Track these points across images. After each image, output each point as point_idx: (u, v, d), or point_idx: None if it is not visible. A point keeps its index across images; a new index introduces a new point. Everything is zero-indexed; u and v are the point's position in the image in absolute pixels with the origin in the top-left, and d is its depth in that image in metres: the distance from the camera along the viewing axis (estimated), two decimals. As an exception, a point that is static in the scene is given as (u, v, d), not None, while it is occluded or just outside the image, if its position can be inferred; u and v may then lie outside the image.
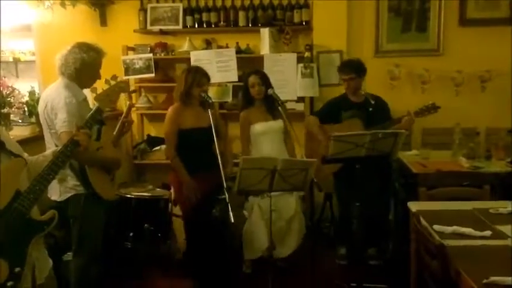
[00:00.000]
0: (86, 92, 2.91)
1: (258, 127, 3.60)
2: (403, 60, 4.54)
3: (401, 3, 4.55)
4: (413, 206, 2.75)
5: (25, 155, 1.90)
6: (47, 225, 1.76)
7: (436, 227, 2.36)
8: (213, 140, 3.26)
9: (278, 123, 3.62)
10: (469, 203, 2.77)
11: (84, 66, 2.69)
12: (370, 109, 3.61)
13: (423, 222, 2.48)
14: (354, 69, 3.71)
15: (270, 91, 3.49)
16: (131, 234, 3.73)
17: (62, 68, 2.70)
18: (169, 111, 3.33)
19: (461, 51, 4.48)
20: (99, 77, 2.85)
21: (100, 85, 3.50)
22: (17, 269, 1.65)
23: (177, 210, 3.73)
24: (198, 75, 3.27)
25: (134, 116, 4.61)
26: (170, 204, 3.80)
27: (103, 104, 2.18)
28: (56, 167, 1.79)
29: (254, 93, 3.58)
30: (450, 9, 4.50)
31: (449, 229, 2.31)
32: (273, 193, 3.03)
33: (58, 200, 2.69)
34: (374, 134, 3.05)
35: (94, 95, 2.72)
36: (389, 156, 3.21)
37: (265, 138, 3.62)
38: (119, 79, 4.24)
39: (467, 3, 4.48)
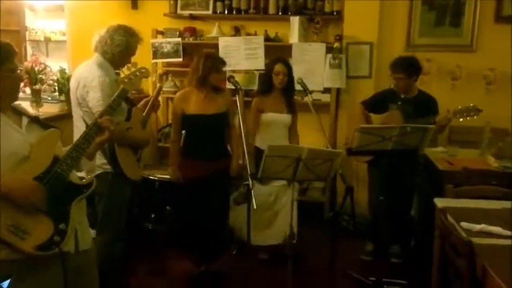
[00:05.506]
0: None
1: (268, 117, 3.57)
2: (434, 55, 4.44)
3: (436, -4, 4.44)
4: (440, 203, 2.70)
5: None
6: (87, 189, 1.89)
7: (463, 224, 2.31)
8: (224, 127, 3.31)
9: (288, 118, 3.60)
10: (497, 202, 2.70)
11: (126, 49, 2.79)
12: (417, 106, 3.50)
13: (450, 219, 2.44)
14: (403, 69, 3.53)
15: (299, 79, 3.46)
16: (153, 215, 3.79)
17: (101, 47, 2.74)
18: (176, 96, 3.37)
19: (495, 49, 4.35)
20: (130, 61, 2.91)
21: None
22: (62, 225, 1.76)
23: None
24: (217, 62, 3.25)
25: (160, 99, 4.62)
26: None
27: (127, 87, 2.24)
28: (87, 141, 1.92)
29: (277, 81, 3.53)
30: (486, 5, 4.38)
31: (477, 227, 2.27)
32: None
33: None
34: (402, 127, 3.00)
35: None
36: (416, 151, 3.16)
37: (270, 128, 3.60)
38: (138, 66, 4.24)
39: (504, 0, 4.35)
